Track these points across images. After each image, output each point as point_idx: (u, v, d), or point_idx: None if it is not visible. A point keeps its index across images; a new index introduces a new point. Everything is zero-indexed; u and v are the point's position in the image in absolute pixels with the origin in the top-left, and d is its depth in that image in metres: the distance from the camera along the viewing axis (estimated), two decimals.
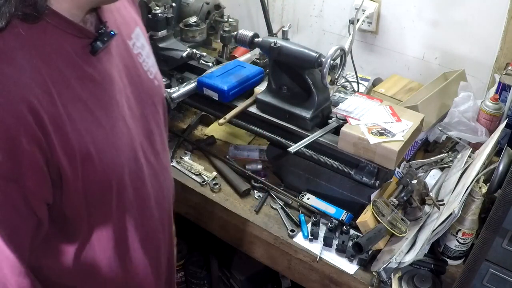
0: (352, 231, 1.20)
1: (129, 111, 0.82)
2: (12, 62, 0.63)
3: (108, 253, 0.85)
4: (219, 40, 1.83)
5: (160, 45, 1.56)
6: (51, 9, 0.67)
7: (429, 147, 1.51)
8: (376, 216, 1.12)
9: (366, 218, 1.14)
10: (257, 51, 1.64)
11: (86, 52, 0.73)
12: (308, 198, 1.28)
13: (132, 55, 0.87)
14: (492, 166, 1.12)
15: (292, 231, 1.22)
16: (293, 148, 1.17)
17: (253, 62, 1.62)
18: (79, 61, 0.72)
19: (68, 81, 0.70)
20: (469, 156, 1.28)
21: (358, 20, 1.66)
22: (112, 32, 0.76)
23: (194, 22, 1.76)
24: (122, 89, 0.81)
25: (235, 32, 1.31)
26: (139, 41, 0.91)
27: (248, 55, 1.66)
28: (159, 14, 1.54)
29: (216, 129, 1.55)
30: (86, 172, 0.72)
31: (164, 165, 0.95)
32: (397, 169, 1.29)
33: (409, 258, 1.05)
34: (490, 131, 1.37)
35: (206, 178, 1.39)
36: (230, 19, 1.89)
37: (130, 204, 0.85)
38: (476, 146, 1.36)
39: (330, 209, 1.25)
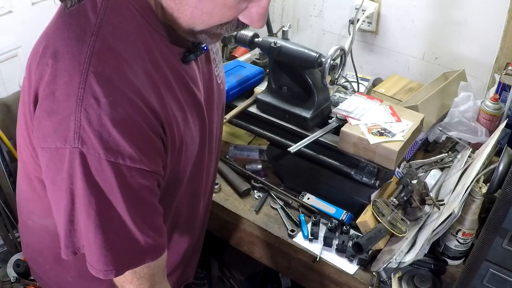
0: (352, 231, 1.20)
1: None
2: (132, 69, 0.70)
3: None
4: None
5: None
6: (156, 16, 0.73)
7: (429, 147, 1.51)
8: (376, 216, 1.12)
9: (366, 218, 1.14)
10: (257, 51, 1.64)
11: (179, 59, 0.79)
12: (308, 198, 1.28)
13: (210, 60, 0.92)
14: (492, 166, 1.12)
15: (292, 231, 1.22)
16: (293, 148, 1.17)
17: (253, 62, 1.62)
18: (178, 67, 0.79)
19: (171, 84, 0.77)
20: (469, 156, 1.28)
21: (358, 20, 1.66)
22: (205, 48, 0.83)
23: None
24: (200, 94, 0.87)
25: (235, 32, 1.31)
26: (215, 46, 0.96)
27: (248, 55, 1.66)
28: None
29: None
30: (175, 163, 0.81)
31: (214, 162, 1.05)
32: (397, 169, 1.29)
33: (409, 258, 1.05)
34: (490, 131, 1.37)
35: None
36: None
37: (184, 193, 0.93)
38: (476, 146, 1.36)
39: (330, 209, 1.25)
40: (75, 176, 0.69)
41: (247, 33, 1.28)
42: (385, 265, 1.05)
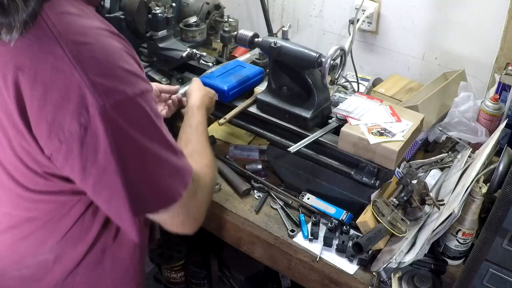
0: (352, 231, 1.20)
1: None
2: (93, 16, 0.74)
3: None
4: (219, 40, 1.83)
5: (160, 45, 1.56)
6: None
7: (429, 147, 1.51)
8: (376, 216, 1.12)
9: (366, 218, 1.14)
10: (257, 51, 1.64)
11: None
12: (308, 198, 1.28)
13: None
14: (492, 166, 1.12)
15: (292, 231, 1.22)
16: (293, 148, 1.17)
17: (253, 62, 1.62)
18: None
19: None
20: (469, 156, 1.28)
21: (358, 20, 1.66)
22: None
23: (194, 22, 1.76)
24: None
25: (235, 32, 1.31)
26: None
27: (248, 55, 1.66)
28: (159, 14, 1.54)
29: (216, 129, 1.55)
30: None
31: None
32: (397, 169, 1.29)
33: (409, 258, 1.05)
34: (490, 131, 1.37)
35: None
36: (230, 19, 1.89)
37: None
38: (476, 146, 1.36)
39: (330, 209, 1.25)
40: (116, 135, 0.68)
41: (247, 33, 1.28)
42: (385, 265, 1.05)
